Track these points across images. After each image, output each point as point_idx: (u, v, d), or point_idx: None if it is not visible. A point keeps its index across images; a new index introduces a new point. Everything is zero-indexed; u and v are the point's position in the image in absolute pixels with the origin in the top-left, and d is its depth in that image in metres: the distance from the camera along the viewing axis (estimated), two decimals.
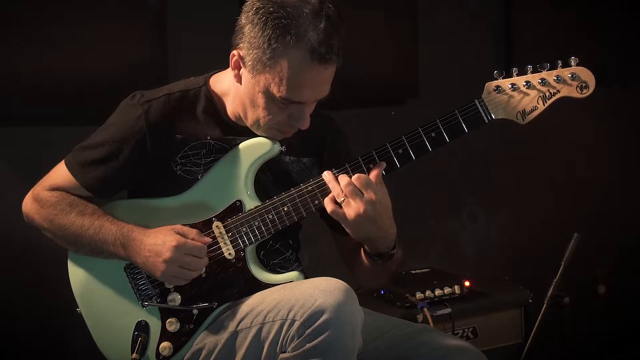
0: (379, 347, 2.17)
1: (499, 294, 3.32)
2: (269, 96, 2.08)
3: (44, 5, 2.99)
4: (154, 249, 2.10)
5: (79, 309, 2.27)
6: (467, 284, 3.21)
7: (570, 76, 2.06)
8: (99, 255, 2.20)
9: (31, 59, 2.99)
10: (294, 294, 1.99)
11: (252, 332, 2.03)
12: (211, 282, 2.18)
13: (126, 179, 2.25)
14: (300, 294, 1.97)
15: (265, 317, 2.02)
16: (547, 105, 2.08)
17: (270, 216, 2.16)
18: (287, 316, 1.96)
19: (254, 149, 2.19)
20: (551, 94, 2.08)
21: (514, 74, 2.09)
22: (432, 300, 3.13)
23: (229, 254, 2.18)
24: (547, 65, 2.08)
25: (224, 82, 2.23)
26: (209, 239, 2.16)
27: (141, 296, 2.20)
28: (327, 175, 2.11)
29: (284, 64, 2.02)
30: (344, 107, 3.09)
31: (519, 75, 2.09)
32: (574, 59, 2.07)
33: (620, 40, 4.08)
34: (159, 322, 2.19)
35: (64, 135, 2.91)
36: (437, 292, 3.14)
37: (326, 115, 2.38)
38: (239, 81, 2.15)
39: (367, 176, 2.07)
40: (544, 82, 2.07)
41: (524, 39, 3.95)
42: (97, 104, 2.64)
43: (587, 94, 2.07)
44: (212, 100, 2.25)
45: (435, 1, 3.86)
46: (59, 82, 3.02)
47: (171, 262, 2.09)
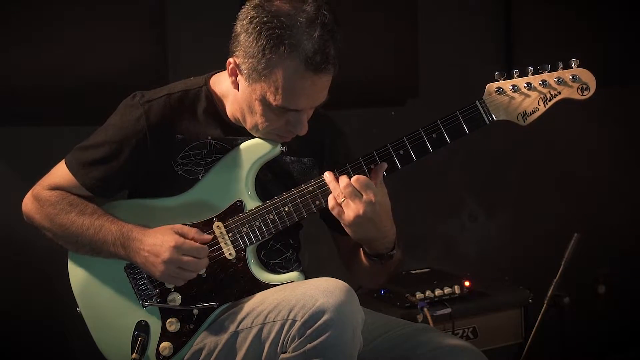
0: (379, 347, 2.17)
1: (499, 294, 3.32)
2: (266, 104, 2.08)
3: (44, 5, 2.99)
4: (153, 249, 2.10)
5: (78, 308, 2.27)
6: (467, 284, 3.21)
7: (571, 78, 2.06)
8: (99, 254, 2.20)
9: (31, 59, 2.98)
10: (295, 294, 1.99)
11: (253, 332, 2.03)
12: (211, 282, 2.18)
13: (126, 179, 2.25)
14: (301, 294, 1.97)
15: (265, 317, 2.02)
16: (548, 106, 2.08)
17: (271, 216, 2.16)
18: (288, 316, 1.96)
19: (255, 150, 2.19)
20: (552, 95, 2.07)
21: (515, 75, 2.09)
22: (432, 300, 3.13)
23: (230, 254, 2.18)
24: (548, 66, 2.07)
25: (224, 83, 2.22)
26: (209, 237, 2.16)
27: (141, 296, 2.20)
28: (327, 175, 2.11)
29: (279, 74, 2.02)
30: (344, 107, 3.08)
31: (520, 76, 2.08)
32: (575, 61, 2.06)
33: (620, 40, 4.08)
34: (159, 322, 2.19)
35: (64, 135, 2.91)
36: (437, 292, 3.14)
37: (326, 115, 2.38)
38: (236, 87, 2.15)
39: (366, 177, 2.06)
40: (545, 83, 2.06)
41: (524, 39, 3.95)
42: (97, 104, 2.64)
43: (588, 96, 2.06)
44: (212, 100, 2.24)
45: (435, 1, 3.86)
46: (59, 82, 3.02)
47: (169, 262, 2.09)
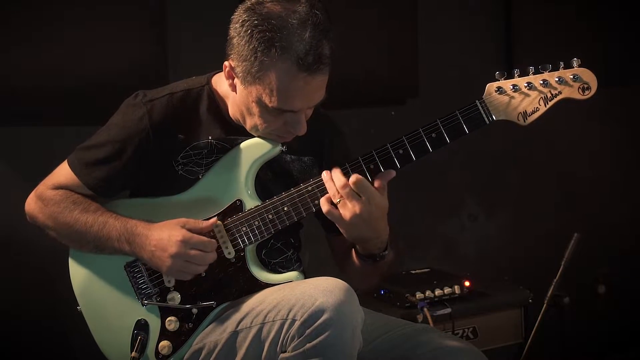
0: (379, 347, 2.17)
1: (499, 294, 3.32)
2: (262, 106, 2.09)
3: (44, 5, 2.99)
4: (160, 244, 2.10)
5: (79, 307, 2.27)
6: (467, 284, 3.21)
7: (572, 77, 2.05)
8: (103, 251, 2.20)
9: (31, 59, 2.99)
10: (294, 293, 1.99)
11: (253, 332, 2.03)
12: (211, 282, 2.18)
13: (129, 179, 2.25)
14: (300, 293, 1.97)
15: (265, 316, 2.02)
16: (548, 106, 2.07)
17: (270, 216, 2.16)
18: (288, 316, 1.96)
19: (255, 149, 2.19)
20: (553, 95, 2.07)
21: (516, 75, 2.08)
22: (432, 300, 3.13)
23: (229, 254, 2.18)
24: (549, 66, 2.07)
25: (226, 83, 2.22)
26: (211, 224, 2.16)
27: (141, 295, 2.20)
28: (325, 175, 2.11)
29: (272, 76, 2.02)
30: (344, 107, 3.09)
31: (520, 76, 2.08)
32: (576, 60, 2.06)
33: (620, 40, 4.08)
34: (158, 321, 2.19)
35: (64, 135, 2.91)
36: (437, 292, 3.14)
37: (326, 114, 2.38)
38: (234, 90, 2.15)
39: (364, 178, 2.06)
40: (545, 83, 2.06)
41: (524, 39, 3.95)
42: (97, 104, 2.65)
43: (589, 96, 2.06)
44: (214, 99, 2.25)
45: (435, 1, 3.86)
46: (59, 82, 3.02)
47: (177, 256, 2.09)
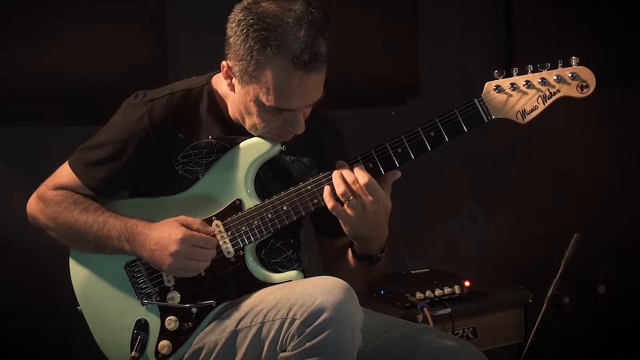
0: (379, 347, 2.17)
1: (499, 294, 3.32)
2: (260, 105, 2.09)
3: (44, 5, 2.99)
4: (160, 242, 2.11)
5: (79, 307, 2.27)
6: (467, 284, 3.20)
7: (570, 75, 2.05)
8: (104, 251, 2.20)
9: (31, 59, 2.99)
10: (294, 293, 1.99)
11: (252, 331, 2.04)
12: (210, 281, 2.18)
13: (129, 179, 2.25)
14: (300, 293, 1.97)
15: (265, 316, 2.02)
16: (547, 104, 2.08)
17: (269, 215, 2.16)
18: (287, 315, 1.96)
19: (255, 148, 2.19)
20: (551, 93, 2.07)
21: (514, 73, 2.08)
22: (432, 300, 3.12)
23: (228, 253, 2.18)
24: (547, 64, 2.07)
25: (225, 83, 2.22)
26: (213, 228, 2.17)
27: (141, 294, 2.20)
28: (335, 173, 2.10)
29: (268, 75, 2.03)
30: (344, 107, 3.09)
31: (519, 74, 2.08)
32: (575, 59, 2.06)
33: (620, 40, 4.08)
34: (158, 320, 2.19)
35: (64, 135, 2.91)
36: (437, 292, 3.14)
37: (325, 115, 2.39)
38: (232, 90, 2.16)
39: (371, 177, 2.07)
40: (544, 81, 2.06)
41: (524, 39, 3.95)
42: (97, 104, 2.65)
43: (588, 94, 2.06)
44: (214, 99, 2.25)
45: (435, 1, 3.86)
46: (59, 82, 3.02)
47: (178, 254, 2.09)
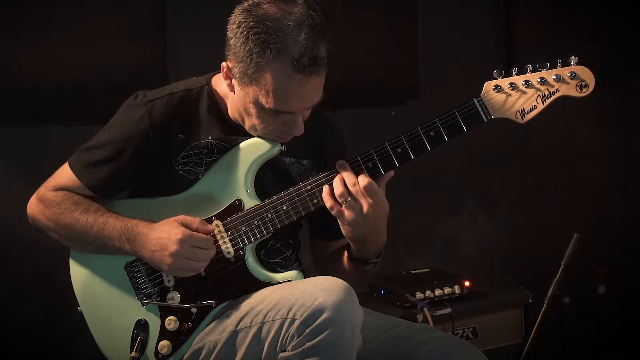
0: (379, 347, 2.17)
1: (499, 294, 3.31)
2: (260, 106, 2.09)
3: (44, 5, 3.00)
4: (160, 243, 2.11)
5: (79, 307, 2.27)
6: (467, 284, 3.20)
7: (569, 75, 2.06)
8: (104, 251, 2.21)
9: (31, 59, 2.99)
10: (294, 293, 1.99)
11: (252, 331, 2.04)
12: (210, 281, 2.18)
13: (129, 179, 2.25)
14: (300, 293, 1.98)
15: (265, 316, 2.02)
16: (546, 104, 2.08)
17: (269, 215, 2.16)
18: (287, 315, 1.96)
19: (255, 148, 2.19)
20: (550, 93, 2.07)
21: (514, 73, 2.09)
22: (432, 300, 3.12)
23: (228, 253, 2.18)
24: (546, 64, 2.07)
25: (225, 84, 2.22)
26: (213, 227, 2.17)
27: (141, 295, 2.20)
28: (336, 176, 2.11)
29: (268, 78, 2.03)
30: (344, 107, 3.09)
31: (518, 74, 2.08)
32: (574, 58, 2.06)
33: (620, 40, 4.08)
34: (158, 320, 2.19)
35: (64, 135, 2.92)
36: (437, 292, 3.14)
37: (326, 116, 2.38)
38: (232, 90, 2.16)
39: (371, 180, 2.07)
40: (543, 81, 2.06)
41: (524, 39, 3.95)
42: (97, 104, 2.65)
43: (587, 93, 2.06)
44: (214, 99, 2.25)
45: (435, 2, 3.86)
46: (59, 82, 3.02)
47: (177, 255, 2.09)
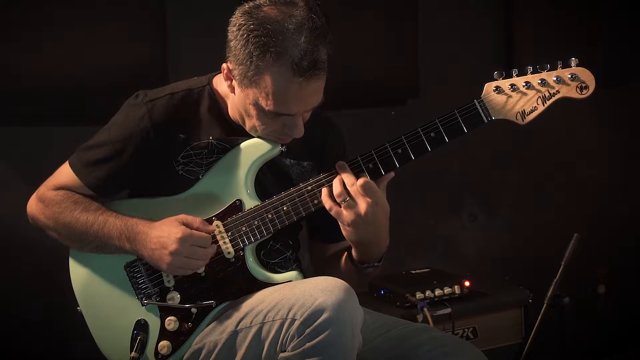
0: (379, 347, 2.17)
1: (499, 294, 3.31)
2: (259, 108, 2.09)
3: (44, 5, 3.00)
4: (160, 241, 2.11)
5: (79, 307, 2.27)
6: (467, 284, 3.20)
7: (569, 77, 2.06)
8: (104, 250, 2.21)
9: (31, 59, 2.99)
10: (294, 293, 1.99)
11: (252, 331, 2.04)
12: (210, 281, 2.18)
13: (129, 178, 2.25)
14: (300, 293, 1.98)
15: (265, 316, 2.02)
16: (546, 105, 2.08)
17: (269, 215, 2.16)
18: (287, 315, 1.96)
19: (255, 149, 2.19)
20: (551, 94, 2.08)
21: (514, 74, 2.09)
22: (432, 300, 3.12)
23: (229, 253, 2.18)
24: (547, 66, 2.08)
25: (226, 84, 2.23)
26: (213, 227, 2.17)
27: (141, 295, 2.21)
28: (336, 177, 2.11)
29: (267, 80, 2.03)
30: (344, 107, 3.09)
31: (518, 76, 2.08)
32: (574, 60, 2.06)
33: (620, 40, 4.07)
34: (158, 320, 2.19)
35: (64, 135, 2.92)
36: (437, 292, 3.13)
37: (326, 116, 2.38)
38: (233, 91, 2.16)
39: (370, 180, 2.07)
40: (543, 82, 2.07)
41: (524, 39, 3.95)
42: (97, 104, 2.65)
43: (587, 95, 2.06)
44: (215, 100, 2.25)
45: (435, 1, 3.86)
46: (59, 82, 3.02)
47: (177, 253, 2.10)
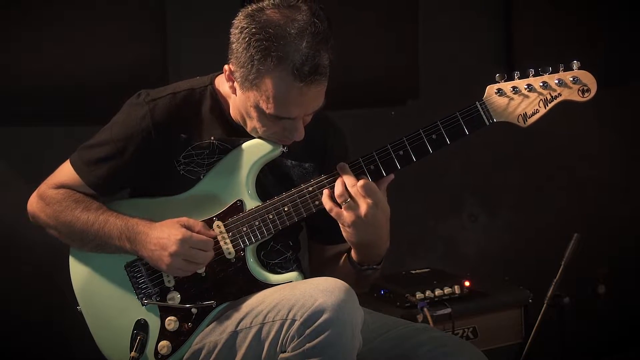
0: (379, 347, 2.18)
1: (499, 294, 3.31)
2: (260, 111, 2.10)
3: (44, 5, 2.99)
4: (160, 242, 2.11)
5: (79, 307, 2.28)
6: (467, 284, 3.20)
7: (571, 79, 2.05)
8: (104, 250, 2.21)
9: (31, 59, 2.99)
10: (294, 293, 1.99)
11: (252, 332, 2.04)
12: (211, 282, 2.18)
13: (130, 178, 2.26)
14: (300, 293, 1.98)
15: (265, 317, 2.02)
16: (548, 108, 2.08)
17: (270, 216, 2.16)
18: (287, 316, 1.96)
19: (256, 149, 2.19)
20: (552, 97, 2.07)
21: (516, 77, 2.08)
22: (432, 300, 3.12)
23: (229, 254, 2.18)
24: (549, 68, 2.07)
25: (228, 85, 2.23)
26: (215, 232, 2.17)
27: (141, 295, 2.21)
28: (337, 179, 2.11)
29: (268, 84, 2.03)
30: (344, 108, 3.08)
31: (520, 78, 2.08)
32: (576, 63, 2.06)
33: (620, 40, 4.07)
34: (158, 320, 2.20)
35: (64, 135, 2.92)
36: (437, 292, 3.14)
37: (327, 117, 2.38)
38: (234, 92, 2.17)
39: (371, 181, 2.07)
40: (545, 85, 2.06)
41: (524, 39, 3.95)
42: (97, 104, 2.65)
43: (589, 98, 2.06)
44: (217, 100, 2.25)
45: (435, 2, 3.86)
46: (59, 82, 3.02)
47: (177, 255, 2.10)
